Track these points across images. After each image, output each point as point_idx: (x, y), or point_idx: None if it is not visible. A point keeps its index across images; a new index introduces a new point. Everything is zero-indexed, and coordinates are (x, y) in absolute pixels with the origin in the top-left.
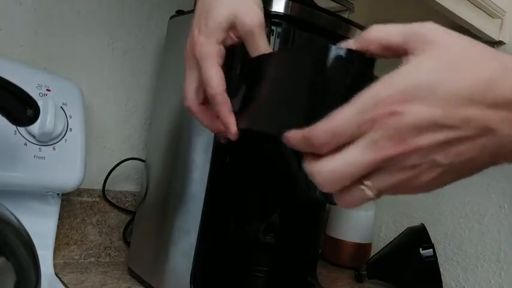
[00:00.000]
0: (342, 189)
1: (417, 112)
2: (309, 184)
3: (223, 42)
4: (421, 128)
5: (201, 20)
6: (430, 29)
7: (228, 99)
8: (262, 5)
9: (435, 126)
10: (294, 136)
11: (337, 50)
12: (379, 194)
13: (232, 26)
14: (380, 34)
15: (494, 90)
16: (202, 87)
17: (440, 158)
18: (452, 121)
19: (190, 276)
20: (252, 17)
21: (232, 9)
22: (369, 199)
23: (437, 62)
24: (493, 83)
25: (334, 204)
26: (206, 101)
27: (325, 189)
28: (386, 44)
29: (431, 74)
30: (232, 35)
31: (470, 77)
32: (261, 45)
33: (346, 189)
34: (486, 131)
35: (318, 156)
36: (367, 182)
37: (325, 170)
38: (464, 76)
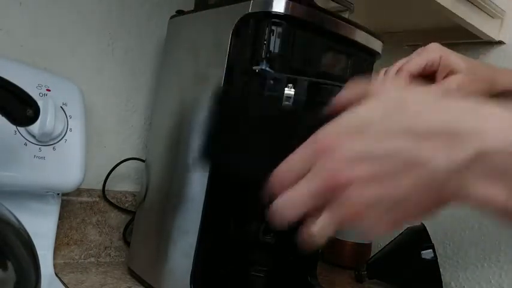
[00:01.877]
0: (304, 219)
1: (348, 146)
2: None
3: None
4: (352, 160)
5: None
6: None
7: None
8: None
9: (364, 158)
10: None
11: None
12: (338, 223)
13: None
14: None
15: (419, 122)
16: None
17: (375, 191)
18: (379, 152)
19: (190, 276)
20: None
21: None
22: (330, 228)
23: (369, 107)
24: (418, 116)
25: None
26: None
27: (288, 215)
28: (351, 98)
29: (362, 115)
30: None
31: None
32: None
33: (310, 220)
34: (414, 163)
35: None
36: (321, 217)
37: (283, 199)
38: (392, 117)
